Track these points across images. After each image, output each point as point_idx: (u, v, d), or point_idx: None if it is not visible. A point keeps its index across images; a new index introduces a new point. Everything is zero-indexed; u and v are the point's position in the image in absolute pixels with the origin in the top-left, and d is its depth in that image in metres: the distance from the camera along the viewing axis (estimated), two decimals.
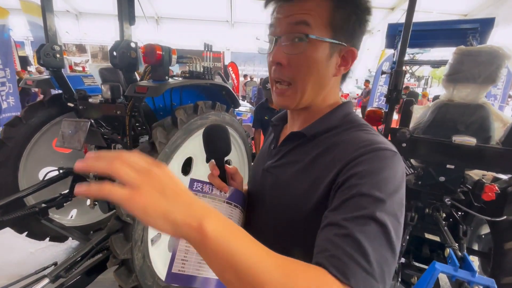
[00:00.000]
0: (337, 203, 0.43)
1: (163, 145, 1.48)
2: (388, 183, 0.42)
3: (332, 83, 0.56)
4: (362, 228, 0.38)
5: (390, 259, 0.38)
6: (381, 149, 0.46)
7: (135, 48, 1.59)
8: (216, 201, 0.55)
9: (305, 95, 0.54)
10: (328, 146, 0.52)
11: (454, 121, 1.71)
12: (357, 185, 0.42)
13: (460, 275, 1.25)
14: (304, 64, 0.52)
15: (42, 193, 2.18)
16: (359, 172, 0.44)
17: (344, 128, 0.54)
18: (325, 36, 0.51)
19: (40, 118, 2.13)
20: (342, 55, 0.54)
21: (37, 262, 2.35)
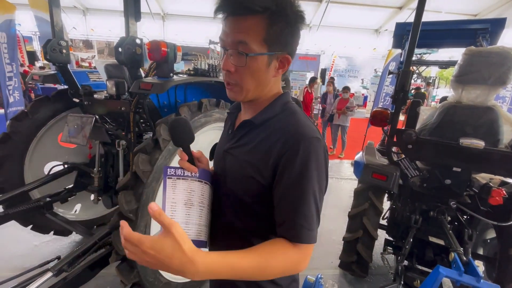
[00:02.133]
0: (283, 186, 0.62)
1: (166, 142, 1.47)
2: (313, 169, 0.61)
3: (273, 81, 0.70)
4: (302, 202, 0.61)
5: (316, 214, 0.64)
6: (306, 139, 0.62)
7: (140, 44, 1.59)
8: (189, 180, 0.66)
9: (249, 93, 0.68)
10: (271, 131, 0.67)
11: (462, 123, 1.68)
12: (292, 173, 0.61)
13: (465, 280, 1.23)
14: (247, 73, 0.65)
15: (47, 187, 2.21)
16: (292, 162, 0.61)
17: (283, 115, 0.69)
18: (262, 50, 0.63)
19: (46, 113, 2.15)
20: (279, 60, 0.67)
21: (41, 255, 2.38)
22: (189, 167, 0.66)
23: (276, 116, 0.69)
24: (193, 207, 0.64)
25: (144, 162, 1.39)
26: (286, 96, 0.74)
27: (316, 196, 0.63)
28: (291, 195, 0.62)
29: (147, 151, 1.44)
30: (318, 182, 0.63)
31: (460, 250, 1.49)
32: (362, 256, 2.01)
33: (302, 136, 0.62)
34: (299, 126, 0.65)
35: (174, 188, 0.63)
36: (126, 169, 2.04)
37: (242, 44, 0.62)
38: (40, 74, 2.13)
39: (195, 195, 0.65)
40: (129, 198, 1.35)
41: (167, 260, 0.48)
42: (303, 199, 0.61)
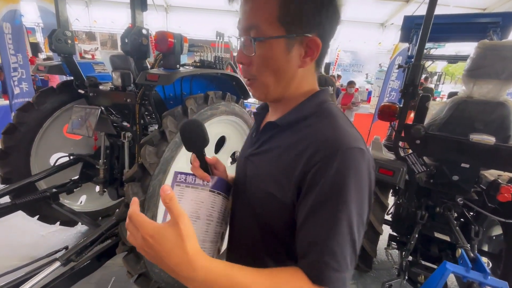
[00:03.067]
0: (308, 208, 0.48)
1: (173, 134, 1.47)
2: (351, 189, 0.46)
3: (300, 74, 0.57)
4: (332, 234, 0.46)
5: (351, 250, 0.48)
6: (345, 149, 0.47)
7: (146, 35, 1.57)
8: (199, 189, 0.58)
9: (270, 89, 0.57)
10: (299, 137, 0.54)
11: (472, 119, 1.66)
12: (322, 194, 0.47)
13: (472, 277, 1.23)
14: (261, 63, 0.54)
15: (53, 178, 2.22)
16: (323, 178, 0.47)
17: (317, 117, 0.55)
18: (276, 33, 0.51)
19: (52, 104, 2.15)
20: (305, 44, 0.53)
21: (48, 245, 2.42)
22: (201, 174, 0.59)
23: (307, 119, 0.56)
24: (199, 221, 0.56)
25: (150, 154, 1.39)
26: (323, 94, 0.59)
27: (352, 226, 0.47)
28: (318, 223, 0.47)
29: (154, 143, 1.43)
30: (357, 207, 0.47)
31: (467, 246, 1.48)
32: (367, 250, 2.01)
33: (340, 145, 0.47)
34: (337, 132, 0.50)
35: (180, 197, 0.57)
36: (131, 161, 2.04)
37: (253, 29, 0.52)
38: (45, 64, 2.12)
39: (203, 207, 0.57)
40: (136, 190, 1.35)
41: (164, 254, 0.42)
42: (334, 229, 0.46)
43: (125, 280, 2.11)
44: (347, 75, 14.94)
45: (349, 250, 0.47)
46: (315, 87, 0.61)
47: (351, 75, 15.55)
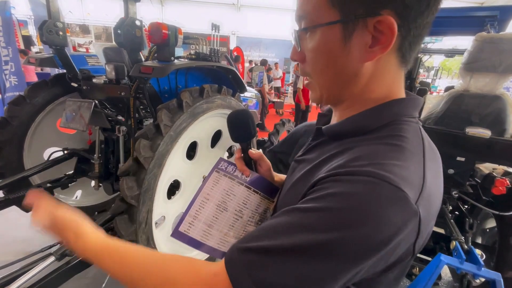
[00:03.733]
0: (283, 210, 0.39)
1: (168, 127, 1.45)
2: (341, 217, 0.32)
3: (369, 70, 0.42)
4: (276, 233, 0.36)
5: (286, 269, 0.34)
6: (373, 177, 0.33)
7: (140, 26, 1.53)
8: (235, 182, 0.57)
9: (325, 90, 0.46)
10: (338, 152, 0.42)
11: (468, 112, 1.66)
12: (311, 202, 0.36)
13: (466, 268, 1.24)
14: (312, 59, 0.44)
15: (47, 173, 2.19)
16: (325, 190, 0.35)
17: (377, 136, 0.40)
18: (327, 19, 0.40)
19: (44, 98, 2.10)
20: (373, 28, 0.38)
21: (42, 240, 2.39)
22: (241, 167, 0.57)
23: (364, 135, 0.42)
24: (225, 213, 0.55)
25: (145, 148, 1.37)
26: (404, 105, 0.43)
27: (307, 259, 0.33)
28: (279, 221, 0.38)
29: (148, 136, 1.41)
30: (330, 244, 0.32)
31: (461, 238, 1.50)
32: None
33: (373, 170, 0.34)
34: (386, 158, 0.36)
35: (215, 183, 0.57)
36: (126, 155, 2.02)
37: (304, 19, 0.43)
38: (36, 57, 2.07)
39: (233, 200, 0.56)
40: (131, 184, 1.34)
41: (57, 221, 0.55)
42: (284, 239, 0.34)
43: None
44: None
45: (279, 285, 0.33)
46: (394, 91, 0.44)
47: None
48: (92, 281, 2.02)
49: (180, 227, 0.55)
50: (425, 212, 0.34)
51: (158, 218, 1.58)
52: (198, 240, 0.55)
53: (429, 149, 0.42)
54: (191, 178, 1.83)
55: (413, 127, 0.42)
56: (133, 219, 1.37)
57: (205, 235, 0.55)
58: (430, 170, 0.38)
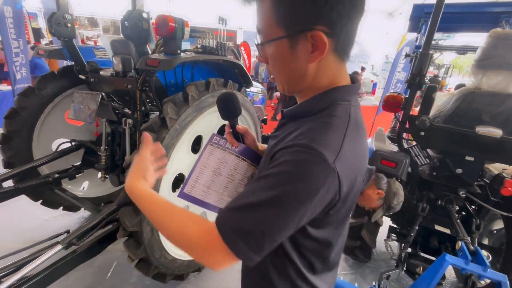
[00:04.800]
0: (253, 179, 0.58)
1: (173, 121, 1.45)
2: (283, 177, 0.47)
3: (314, 68, 0.54)
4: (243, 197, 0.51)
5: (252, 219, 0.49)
6: (303, 147, 0.48)
7: (147, 18, 1.53)
8: (226, 152, 0.70)
9: (285, 84, 0.60)
10: (292, 131, 0.55)
11: (479, 111, 1.62)
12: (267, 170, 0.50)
13: (471, 269, 1.23)
14: (272, 64, 0.58)
15: (55, 164, 2.23)
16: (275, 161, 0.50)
17: (318, 116, 0.54)
18: (276, 35, 0.52)
19: (53, 90, 2.13)
20: (312, 39, 0.50)
21: (50, 229, 2.46)
22: (231, 140, 0.70)
23: (310, 116, 0.55)
24: (220, 177, 0.68)
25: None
26: (339, 92, 0.56)
27: (270, 211, 0.47)
28: (250, 188, 0.52)
29: (154, 129, 1.42)
30: (283, 202, 0.47)
31: (467, 239, 1.47)
32: (366, 242, 2.02)
33: (305, 142, 0.48)
34: (317, 132, 0.50)
35: (210, 155, 0.69)
36: (132, 147, 2.03)
37: (260, 34, 0.56)
38: (45, 49, 2.09)
39: (226, 167, 0.69)
40: None
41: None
42: (252, 198, 0.49)
43: (126, 264, 2.14)
44: (352, 66, 14.70)
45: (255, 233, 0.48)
46: (335, 81, 0.56)
47: (357, 66, 15.30)
48: (98, 270, 2.06)
49: (184, 189, 0.68)
50: (343, 168, 0.48)
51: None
52: (199, 199, 0.67)
53: (354, 124, 0.55)
54: None
55: (344, 108, 0.55)
56: (137, 211, 1.38)
57: (205, 195, 0.68)
58: (350, 139, 0.51)
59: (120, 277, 2.03)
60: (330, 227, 0.57)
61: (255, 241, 0.47)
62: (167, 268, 1.65)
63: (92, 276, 2.01)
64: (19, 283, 1.15)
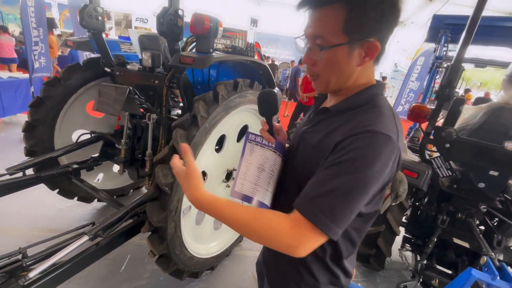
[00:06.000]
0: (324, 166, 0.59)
1: (204, 119, 1.46)
2: (365, 164, 0.54)
3: (359, 70, 0.64)
4: (330, 185, 0.56)
5: (340, 206, 0.56)
6: (373, 131, 0.56)
7: (182, 16, 1.54)
8: (265, 148, 0.73)
9: (330, 85, 0.66)
10: (343, 123, 0.62)
11: (507, 126, 1.61)
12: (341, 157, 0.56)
13: (499, 285, 1.22)
14: (325, 65, 0.63)
15: (74, 155, 2.25)
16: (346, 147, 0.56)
17: (365, 108, 0.63)
18: (341, 41, 0.59)
19: (78, 81, 2.15)
20: (366, 47, 0.60)
21: (65, 218, 2.47)
22: (267, 137, 0.73)
23: (357, 108, 0.64)
24: (264, 173, 0.70)
25: (182, 137, 1.38)
26: (377, 88, 0.67)
27: (353, 191, 0.55)
28: (326, 176, 0.57)
29: (185, 127, 1.42)
30: (366, 178, 0.55)
31: (492, 254, 1.47)
32: (382, 250, 2.02)
33: (370, 128, 0.56)
34: (374, 118, 0.59)
35: (251, 152, 0.71)
36: (153, 143, 2.05)
37: (319, 38, 0.60)
38: (74, 40, 2.11)
39: (268, 162, 0.71)
40: (166, 172, 1.36)
41: (183, 188, 0.65)
42: (339, 186, 0.55)
43: (139, 258, 2.16)
44: None
45: (342, 209, 0.55)
46: (371, 80, 0.67)
47: None
48: (112, 262, 2.07)
49: (235, 187, 0.70)
50: (401, 148, 0.60)
51: (185, 207, 1.60)
52: (249, 195, 0.69)
53: (393, 111, 0.66)
54: (217, 170, 1.84)
55: (383, 99, 0.66)
56: (164, 206, 1.39)
57: (253, 191, 0.70)
58: (398, 124, 0.63)
59: (134, 271, 2.04)
60: (376, 203, 0.66)
61: (342, 219, 0.55)
62: (185, 265, 1.66)
63: (106, 269, 2.02)
64: (49, 270, 1.16)
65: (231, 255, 2.26)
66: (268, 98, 0.73)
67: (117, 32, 13.34)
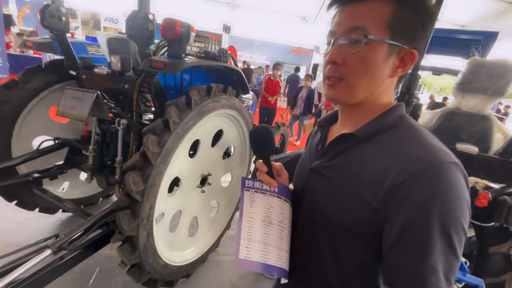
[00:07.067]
0: (399, 227, 0.46)
1: (176, 124, 1.44)
2: (449, 207, 0.44)
3: (387, 83, 0.56)
4: (429, 252, 0.44)
5: (449, 267, 0.45)
6: (441, 164, 0.45)
7: (153, 20, 1.51)
8: (268, 195, 0.59)
9: (357, 91, 0.55)
10: (381, 150, 0.52)
11: (458, 129, 1.78)
12: (416, 211, 0.44)
13: None
14: (359, 63, 0.53)
15: (35, 163, 2.10)
16: (417, 199, 0.44)
17: (399, 130, 0.54)
18: (383, 37, 0.52)
19: (39, 84, 2.01)
20: (401, 56, 0.54)
21: (24, 232, 2.29)
22: (268, 180, 0.60)
23: (388, 131, 0.54)
24: (272, 226, 0.56)
25: (153, 143, 1.36)
26: (402, 108, 0.57)
27: (454, 244, 0.44)
28: (411, 244, 0.45)
29: (157, 132, 1.40)
30: (458, 224, 0.44)
31: None
32: None
33: (434, 159, 0.45)
34: (427, 146, 0.48)
35: (252, 202, 0.58)
36: (123, 149, 1.97)
37: (359, 30, 0.52)
38: (34, 40, 1.98)
39: (274, 212, 0.57)
40: (137, 179, 1.32)
41: None
42: (437, 249, 0.44)
43: (110, 270, 2.06)
44: None
45: (450, 270, 0.45)
46: (392, 101, 0.59)
47: None
48: (79, 276, 1.95)
49: (239, 254, 0.54)
50: None
51: (158, 214, 1.57)
52: (260, 262, 0.54)
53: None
54: (191, 175, 1.82)
55: (414, 121, 0.56)
56: (136, 214, 1.35)
57: (264, 254, 0.55)
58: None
59: (104, 284, 1.94)
60: None
61: (453, 278, 0.46)
62: (158, 274, 1.61)
63: (73, 283, 1.90)
64: None
65: (208, 261, 2.23)
66: (263, 135, 0.62)
67: (84, 32, 12.64)
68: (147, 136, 1.35)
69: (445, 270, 0.44)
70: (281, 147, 3.85)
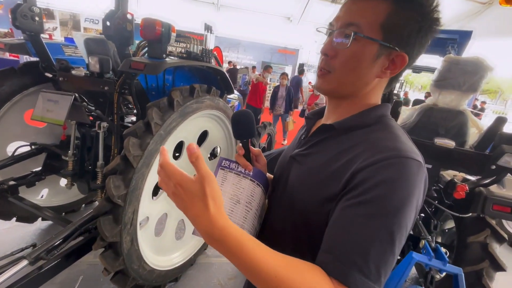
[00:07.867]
0: (348, 205, 0.47)
1: (158, 126, 1.41)
2: (403, 198, 0.45)
3: (374, 83, 0.57)
4: (369, 236, 0.44)
5: (385, 263, 0.45)
6: (403, 157, 0.46)
7: (131, 20, 1.48)
8: (241, 177, 0.61)
9: (342, 86, 0.57)
10: (355, 143, 0.54)
11: (436, 124, 1.85)
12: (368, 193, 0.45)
13: (434, 264, 1.39)
14: (348, 58, 0.54)
15: (10, 170, 2.00)
16: (373, 178, 0.46)
17: (377, 128, 0.55)
18: (375, 36, 0.52)
19: (12, 87, 1.92)
20: (392, 58, 0.54)
21: (1, 242, 2.18)
22: (244, 163, 0.61)
23: (366, 127, 0.56)
24: (239, 205, 0.58)
25: (134, 146, 1.32)
26: (385, 108, 0.59)
27: (394, 238, 0.44)
28: (356, 222, 0.45)
29: (138, 134, 1.37)
30: (403, 219, 0.45)
31: (429, 238, 1.66)
32: None
33: (399, 152, 0.47)
34: (397, 142, 0.50)
35: (223, 180, 0.59)
36: (105, 153, 1.91)
37: (352, 26, 0.53)
38: (6, 42, 1.89)
39: (243, 193, 0.59)
40: (118, 183, 1.29)
41: (188, 204, 0.44)
42: (373, 234, 0.44)
43: (94, 278, 1.99)
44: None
45: (383, 261, 0.44)
46: (379, 102, 0.60)
47: None
48: (61, 286, 1.88)
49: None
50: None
51: (142, 218, 1.53)
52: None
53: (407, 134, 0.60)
54: None
55: (393, 121, 0.59)
56: (118, 220, 1.31)
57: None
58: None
59: None
60: None
61: (384, 274, 0.44)
62: (145, 280, 1.58)
63: None
64: None
65: (196, 263, 2.21)
66: (242, 118, 0.64)
67: (63, 33, 12.18)
68: (128, 138, 1.32)
69: (377, 259, 0.43)
70: (268, 147, 3.86)
